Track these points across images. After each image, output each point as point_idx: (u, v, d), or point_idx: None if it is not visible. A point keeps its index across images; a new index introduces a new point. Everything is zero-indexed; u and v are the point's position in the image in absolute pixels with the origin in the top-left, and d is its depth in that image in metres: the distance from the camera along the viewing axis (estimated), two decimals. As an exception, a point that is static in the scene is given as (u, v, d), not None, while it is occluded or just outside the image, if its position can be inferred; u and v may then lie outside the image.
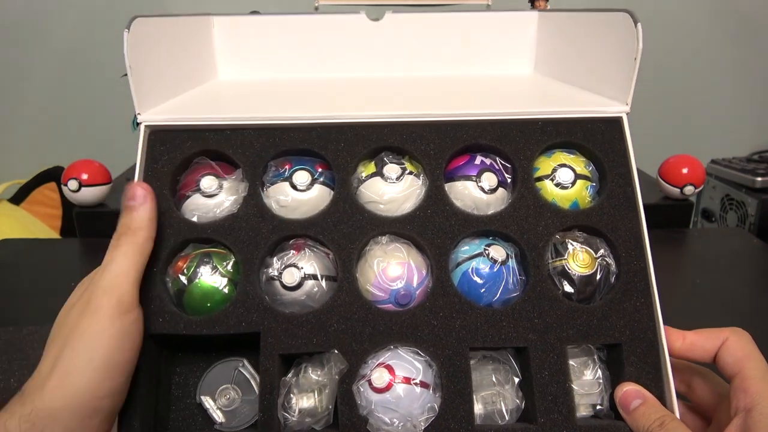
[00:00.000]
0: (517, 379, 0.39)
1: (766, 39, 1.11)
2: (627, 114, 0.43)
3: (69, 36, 1.08)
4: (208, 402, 0.39)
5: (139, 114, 0.41)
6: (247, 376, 0.40)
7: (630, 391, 0.37)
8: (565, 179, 0.42)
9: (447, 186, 0.42)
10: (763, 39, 1.11)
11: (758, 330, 0.37)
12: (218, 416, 0.39)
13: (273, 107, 0.44)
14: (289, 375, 0.39)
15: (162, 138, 0.42)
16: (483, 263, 0.40)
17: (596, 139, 0.43)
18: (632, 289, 0.39)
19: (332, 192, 0.42)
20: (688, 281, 0.37)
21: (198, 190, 0.41)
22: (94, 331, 0.33)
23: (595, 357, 0.40)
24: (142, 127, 0.41)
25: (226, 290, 0.39)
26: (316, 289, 0.39)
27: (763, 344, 0.35)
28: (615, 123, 0.43)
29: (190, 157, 0.42)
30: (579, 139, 0.43)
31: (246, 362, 0.40)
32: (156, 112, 0.42)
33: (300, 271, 0.39)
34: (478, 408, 0.38)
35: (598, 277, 0.40)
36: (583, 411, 0.39)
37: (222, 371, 0.40)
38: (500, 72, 0.59)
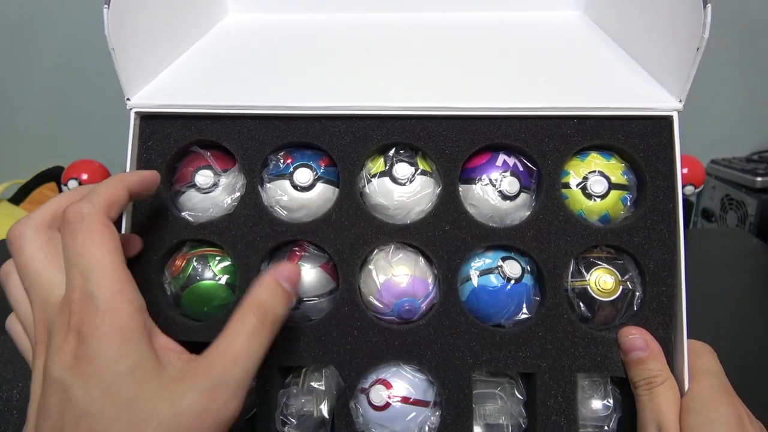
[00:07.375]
0: (521, 397, 0.38)
1: (766, 39, 1.04)
2: (679, 113, 0.37)
3: (69, 36, 1.05)
4: None
5: (128, 99, 0.37)
6: None
7: (636, 341, 0.35)
8: (597, 190, 0.37)
9: (462, 188, 0.38)
10: (763, 39, 1.04)
11: (758, 330, 0.34)
12: None
13: (276, 89, 0.39)
14: (289, 378, 0.38)
15: (154, 126, 0.38)
16: (495, 279, 0.37)
17: (638, 141, 0.37)
18: (655, 320, 0.36)
19: (336, 190, 0.38)
20: (688, 281, 0.35)
21: (193, 185, 0.38)
22: None
23: (608, 378, 0.38)
24: (132, 113, 0.38)
25: (223, 294, 0.37)
26: (314, 304, 0.37)
27: (762, 344, 0.33)
28: (663, 122, 0.37)
29: (184, 147, 0.39)
30: (620, 141, 0.37)
31: None
32: (148, 94, 0.38)
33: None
34: (477, 429, 0.37)
35: (621, 302, 0.36)
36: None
37: None
38: (544, 13, 0.51)
